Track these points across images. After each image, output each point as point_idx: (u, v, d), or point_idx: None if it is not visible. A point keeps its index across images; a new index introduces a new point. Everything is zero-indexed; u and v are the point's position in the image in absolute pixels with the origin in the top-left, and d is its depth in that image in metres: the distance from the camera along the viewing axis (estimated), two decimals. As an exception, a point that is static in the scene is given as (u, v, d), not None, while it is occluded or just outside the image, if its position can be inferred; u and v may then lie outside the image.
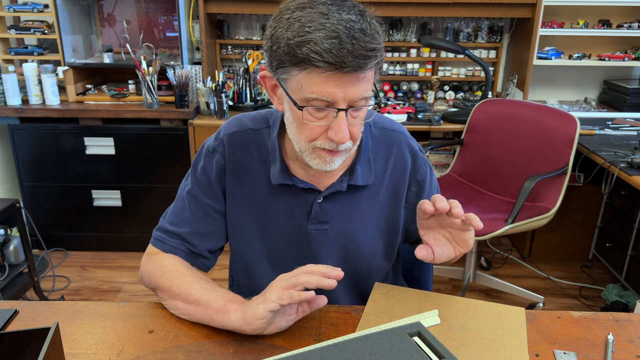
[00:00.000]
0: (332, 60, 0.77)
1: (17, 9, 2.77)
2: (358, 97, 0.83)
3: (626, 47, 3.03)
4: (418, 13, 2.80)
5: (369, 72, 0.83)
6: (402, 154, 1.05)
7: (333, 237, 1.03)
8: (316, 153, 0.90)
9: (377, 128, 1.05)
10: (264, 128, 1.03)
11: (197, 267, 1.03)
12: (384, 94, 3.18)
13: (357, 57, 0.78)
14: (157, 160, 2.74)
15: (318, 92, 0.81)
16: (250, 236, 1.05)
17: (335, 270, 0.81)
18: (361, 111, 0.87)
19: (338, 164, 0.91)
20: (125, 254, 2.91)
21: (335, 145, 0.87)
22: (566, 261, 2.84)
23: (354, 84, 0.81)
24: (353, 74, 0.80)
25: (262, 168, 1.02)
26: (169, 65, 2.75)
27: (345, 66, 0.78)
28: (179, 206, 1.04)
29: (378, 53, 0.82)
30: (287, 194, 1.01)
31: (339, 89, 0.81)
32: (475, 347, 0.84)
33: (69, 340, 0.86)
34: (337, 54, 0.77)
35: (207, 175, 1.03)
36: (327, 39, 0.77)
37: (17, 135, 2.68)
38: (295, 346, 0.82)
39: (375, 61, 0.82)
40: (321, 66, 0.78)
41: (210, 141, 1.05)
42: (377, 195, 1.04)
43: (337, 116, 0.84)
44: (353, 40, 0.78)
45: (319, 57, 0.77)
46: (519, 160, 2.41)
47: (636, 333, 0.89)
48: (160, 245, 1.02)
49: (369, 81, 0.85)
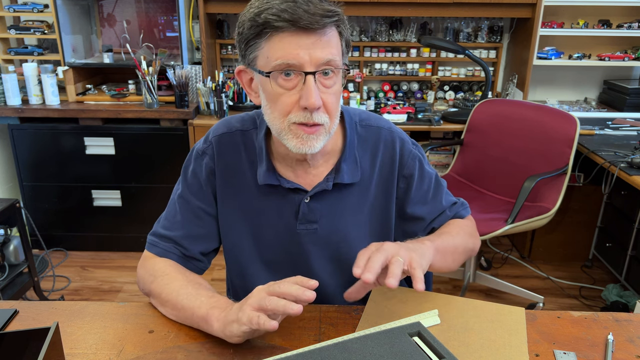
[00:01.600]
0: (287, 17, 0.81)
1: (17, 9, 2.77)
2: (324, 60, 0.84)
3: (626, 47, 3.03)
4: (418, 13, 2.80)
5: (330, 34, 0.85)
6: (388, 150, 1.04)
7: (323, 237, 1.03)
8: (293, 132, 0.89)
9: (362, 126, 1.05)
10: (251, 129, 1.04)
11: (191, 270, 1.03)
12: (383, 94, 3.18)
13: (313, 14, 0.81)
14: (157, 160, 2.74)
15: (283, 57, 0.83)
16: (242, 237, 1.05)
17: (310, 281, 0.79)
18: (331, 79, 0.87)
19: (318, 144, 0.90)
20: (125, 254, 2.91)
21: (310, 115, 0.86)
22: (566, 261, 2.84)
23: (317, 45, 0.83)
24: (313, 34, 0.82)
25: (251, 169, 1.02)
26: (169, 65, 2.75)
27: (301, 21, 0.81)
28: (171, 210, 1.06)
29: (336, 16, 0.84)
30: (274, 195, 1.02)
31: (303, 50, 0.83)
32: (475, 347, 0.84)
33: (69, 340, 0.86)
34: (292, 12, 0.81)
35: (197, 178, 1.04)
36: (283, 2, 0.82)
37: (17, 135, 2.68)
38: (295, 346, 0.82)
39: (334, 20, 0.84)
40: (279, 26, 0.82)
41: (199, 144, 1.06)
42: (366, 193, 1.04)
43: (305, 81, 0.84)
44: (309, 4, 0.82)
45: (276, 17, 0.81)
46: (519, 160, 2.41)
47: (636, 333, 0.89)
48: (154, 249, 1.03)
49: (334, 46, 0.86)
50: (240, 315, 0.78)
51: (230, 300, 0.86)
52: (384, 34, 3.05)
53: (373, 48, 3.07)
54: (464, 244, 1.05)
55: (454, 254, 1.01)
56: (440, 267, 0.95)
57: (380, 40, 3.05)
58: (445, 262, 0.97)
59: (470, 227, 1.11)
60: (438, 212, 1.08)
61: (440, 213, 1.08)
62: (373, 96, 3.15)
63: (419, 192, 1.06)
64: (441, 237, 0.99)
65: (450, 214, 1.09)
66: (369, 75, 3.14)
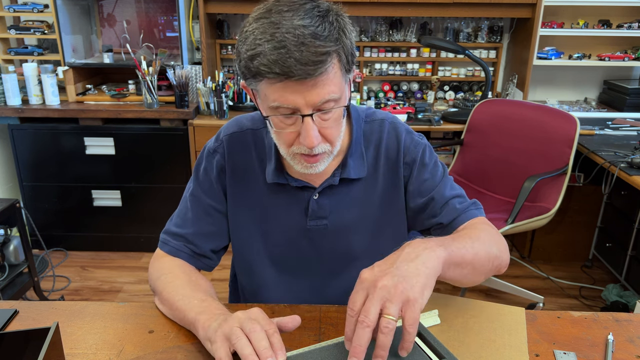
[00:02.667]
0: (279, 71, 0.78)
1: (17, 9, 2.77)
2: (321, 101, 0.82)
3: (626, 47, 3.03)
4: (418, 13, 2.80)
5: (325, 75, 0.80)
6: (390, 141, 1.04)
7: (333, 232, 1.04)
8: (297, 159, 0.91)
9: (367, 122, 1.05)
10: (262, 128, 1.05)
11: (200, 268, 1.05)
12: (383, 94, 3.18)
13: (305, 64, 0.77)
14: (157, 160, 2.74)
15: (279, 100, 0.82)
16: (251, 235, 1.06)
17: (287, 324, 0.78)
18: (331, 114, 0.86)
19: (322, 167, 0.92)
20: (125, 254, 2.91)
21: (310, 150, 0.87)
22: (566, 261, 2.84)
23: (312, 89, 0.80)
24: (306, 80, 0.79)
25: (260, 167, 1.04)
26: (169, 65, 2.75)
27: (294, 75, 0.78)
28: (183, 208, 1.07)
29: (329, 57, 0.79)
30: (283, 193, 1.03)
31: (298, 95, 0.81)
32: (475, 347, 0.84)
33: (69, 340, 0.86)
34: (283, 64, 0.77)
35: (209, 176, 1.05)
36: (274, 50, 0.78)
37: (17, 135, 2.68)
38: (296, 346, 0.82)
39: (326, 66, 0.79)
40: (271, 77, 0.79)
41: (211, 142, 1.08)
42: (374, 187, 1.04)
43: (303, 122, 0.84)
44: (302, 48, 0.77)
45: (268, 69, 0.78)
46: (519, 160, 2.41)
47: (636, 333, 0.89)
48: (165, 247, 1.04)
49: (332, 82, 0.82)
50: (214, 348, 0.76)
51: (221, 307, 0.86)
52: (384, 34, 3.05)
53: (373, 48, 3.07)
54: (486, 250, 0.89)
55: (473, 262, 0.84)
56: (454, 277, 0.82)
57: (380, 40, 3.05)
58: (462, 273, 0.83)
59: (492, 231, 0.97)
60: (443, 202, 1.02)
61: (445, 202, 1.01)
62: (373, 96, 3.15)
63: (420, 178, 1.03)
64: (456, 241, 0.84)
65: (461, 208, 1.01)
66: (369, 75, 3.14)
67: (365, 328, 0.67)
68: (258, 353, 0.71)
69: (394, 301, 0.68)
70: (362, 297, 0.70)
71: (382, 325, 0.67)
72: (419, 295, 0.69)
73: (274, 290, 1.09)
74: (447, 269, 0.77)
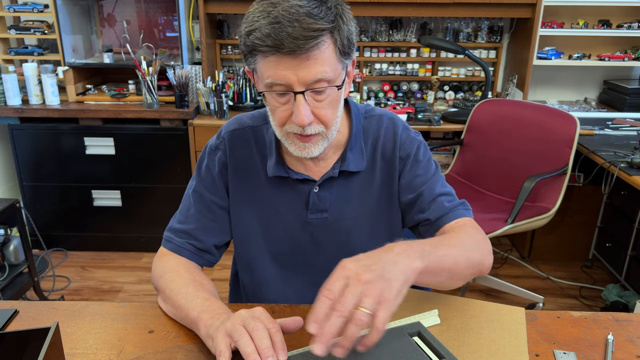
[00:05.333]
0: (271, 43, 0.81)
1: (17, 9, 2.77)
2: (313, 79, 0.84)
3: (626, 47, 3.03)
4: (418, 13, 2.80)
5: (317, 52, 0.83)
6: (387, 136, 1.06)
7: (333, 224, 1.05)
8: (290, 139, 0.93)
9: (366, 117, 1.08)
10: (262, 125, 1.07)
11: (202, 264, 1.06)
12: (383, 94, 3.18)
13: (297, 38, 0.80)
14: (157, 160, 2.74)
15: (272, 77, 0.85)
16: (252, 230, 1.08)
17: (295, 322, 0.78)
18: (325, 94, 0.88)
19: (317, 150, 0.93)
20: (125, 254, 2.91)
21: (302, 129, 0.89)
22: (566, 261, 2.84)
23: (304, 66, 0.83)
24: (299, 55, 0.82)
25: (261, 163, 1.06)
26: (169, 65, 2.75)
27: (284, 47, 0.80)
28: (185, 205, 1.08)
29: (322, 35, 0.82)
30: (284, 187, 1.05)
31: (290, 71, 0.83)
32: (475, 347, 0.84)
33: (69, 340, 0.86)
34: (275, 37, 0.80)
35: (211, 172, 1.07)
36: (269, 25, 0.81)
37: (17, 135, 2.68)
38: (295, 346, 0.82)
39: (321, 39, 0.82)
40: (264, 50, 0.83)
41: (212, 140, 1.10)
42: (372, 180, 1.06)
43: (295, 99, 0.86)
44: (295, 23, 0.80)
45: (261, 41, 0.82)
46: (519, 160, 2.41)
47: (636, 333, 0.89)
48: (169, 245, 1.05)
49: (325, 62, 0.84)
50: (215, 344, 0.76)
51: (224, 307, 0.86)
52: (384, 34, 3.05)
53: (373, 48, 3.07)
54: (467, 257, 0.89)
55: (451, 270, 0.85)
56: (428, 284, 0.85)
57: (380, 40, 3.05)
58: (436, 280, 0.85)
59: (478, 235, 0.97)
60: (431, 198, 1.02)
61: (433, 199, 1.02)
62: (373, 96, 3.15)
63: (412, 173, 1.04)
64: (437, 248, 0.83)
65: (449, 207, 1.01)
66: (369, 75, 3.14)
67: (340, 317, 0.68)
68: (259, 352, 0.72)
69: (372, 298, 0.69)
70: (342, 285, 0.71)
71: (357, 316, 0.68)
72: (394, 298, 0.70)
73: (275, 286, 1.09)
74: (422, 277, 0.79)
